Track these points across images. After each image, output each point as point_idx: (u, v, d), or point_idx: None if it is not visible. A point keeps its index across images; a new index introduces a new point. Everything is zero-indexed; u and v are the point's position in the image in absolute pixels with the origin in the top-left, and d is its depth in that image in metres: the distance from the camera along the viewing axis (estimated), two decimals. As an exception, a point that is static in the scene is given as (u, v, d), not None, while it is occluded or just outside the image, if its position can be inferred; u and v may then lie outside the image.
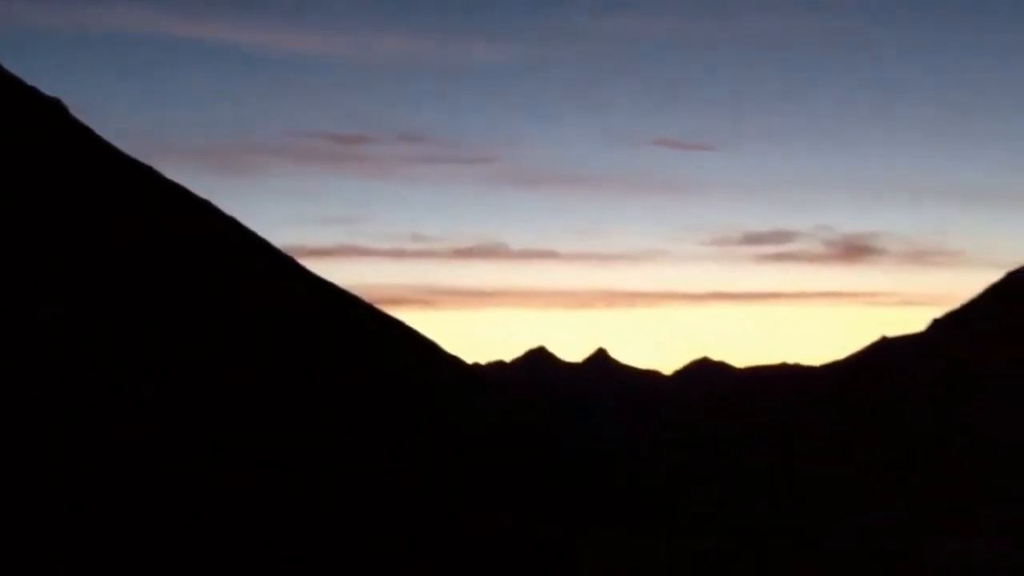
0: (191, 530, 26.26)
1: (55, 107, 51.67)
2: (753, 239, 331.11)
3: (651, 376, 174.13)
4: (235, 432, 33.90)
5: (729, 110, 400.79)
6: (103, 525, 24.42)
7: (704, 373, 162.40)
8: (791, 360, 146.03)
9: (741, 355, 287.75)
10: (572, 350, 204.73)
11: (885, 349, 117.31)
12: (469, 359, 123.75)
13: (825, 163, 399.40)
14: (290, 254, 58.87)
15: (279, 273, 54.64)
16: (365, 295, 62.77)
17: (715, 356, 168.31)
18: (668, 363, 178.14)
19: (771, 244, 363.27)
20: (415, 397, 51.48)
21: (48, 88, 52.16)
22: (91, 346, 33.58)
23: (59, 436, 27.47)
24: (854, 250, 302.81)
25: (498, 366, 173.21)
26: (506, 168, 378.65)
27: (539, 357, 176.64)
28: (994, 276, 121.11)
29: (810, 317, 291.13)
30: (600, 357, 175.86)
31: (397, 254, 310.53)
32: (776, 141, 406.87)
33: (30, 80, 51.73)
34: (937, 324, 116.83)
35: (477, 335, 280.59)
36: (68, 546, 22.70)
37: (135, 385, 32.32)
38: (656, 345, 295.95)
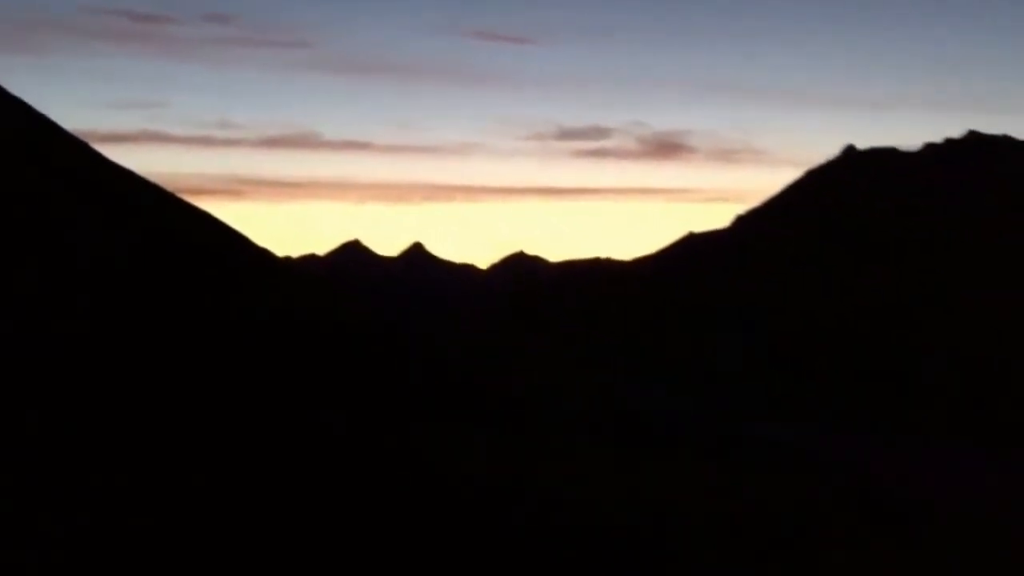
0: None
1: None
2: (569, 134, 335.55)
3: (467, 270, 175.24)
4: (29, 334, 31.78)
5: (546, 4, 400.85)
6: None
7: (518, 268, 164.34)
8: (603, 255, 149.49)
9: (555, 250, 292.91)
10: (388, 244, 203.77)
11: (692, 244, 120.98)
12: (280, 252, 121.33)
13: (640, 60, 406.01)
14: (84, 139, 56.00)
15: (71, 159, 51.37)
16: (168, 184, 60.50)
17: (529, 251, 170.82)
18: (483, 258, 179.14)
19: (586, 140, 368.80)
20: (219, 292, 49.63)
21: None
22: None
23: None
24: (665, 147, 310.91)
25: (311, 259, 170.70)
26: (320, 54, 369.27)
27: (354, 251, 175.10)
28: (795, 174, 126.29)
29: (622, 213, 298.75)
30: (416, 251, 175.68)
31: (203, 141, 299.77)
32: (592, 37, 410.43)
33: None
34: (741, 220, 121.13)
35: (288, 228, 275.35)
36: None
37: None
38: (472, 239, 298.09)
